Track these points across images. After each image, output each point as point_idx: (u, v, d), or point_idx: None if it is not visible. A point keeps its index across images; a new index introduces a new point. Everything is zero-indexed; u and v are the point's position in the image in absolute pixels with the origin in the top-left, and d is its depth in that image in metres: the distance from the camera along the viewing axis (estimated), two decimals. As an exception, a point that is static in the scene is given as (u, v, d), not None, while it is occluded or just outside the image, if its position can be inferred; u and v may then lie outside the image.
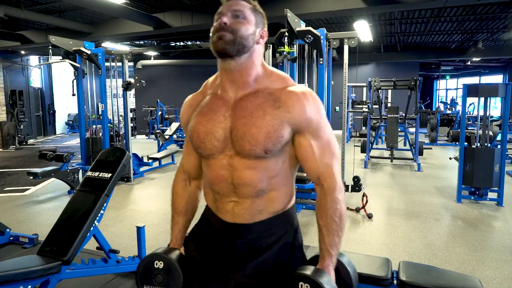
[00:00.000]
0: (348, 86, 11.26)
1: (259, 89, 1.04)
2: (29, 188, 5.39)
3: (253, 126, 0.98)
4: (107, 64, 5.68)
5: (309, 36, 3.70)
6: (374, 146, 8.15)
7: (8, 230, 3.32)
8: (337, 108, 11.79)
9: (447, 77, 18.18)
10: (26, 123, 10.70)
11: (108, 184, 2.23)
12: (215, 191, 1.07)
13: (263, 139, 0.98)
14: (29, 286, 1.79)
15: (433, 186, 5.41)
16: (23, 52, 10.72)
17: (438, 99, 18.49)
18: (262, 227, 1.05)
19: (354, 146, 8.67)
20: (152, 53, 12.14)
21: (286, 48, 3.50)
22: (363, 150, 7.45)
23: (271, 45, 4.38)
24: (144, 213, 4.37)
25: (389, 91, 11.89)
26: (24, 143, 10.32)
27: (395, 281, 1.74)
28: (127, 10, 6.22)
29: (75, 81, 5.51)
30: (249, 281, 1.06)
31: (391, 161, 7.11)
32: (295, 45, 4.26)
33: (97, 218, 2.20)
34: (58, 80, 13.40)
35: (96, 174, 2.30)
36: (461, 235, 3.51)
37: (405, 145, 8.65)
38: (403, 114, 7.42)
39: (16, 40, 8.24)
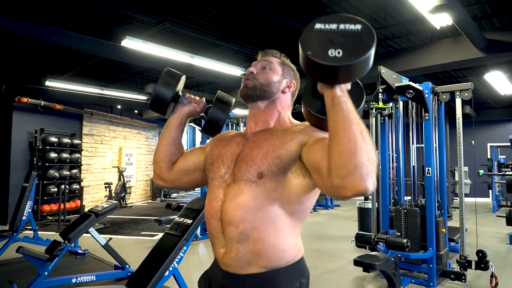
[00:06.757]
0: (491, 146, 9.69)
1: (276, 126, 1.11)
2: (158, 234, 6.21)
3: (256, 148, 1.05)
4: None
5: (410, 91, 3.51)
6: (528, 218, 6.54)
7: (127, 266, 3.90)
8: (481, 171, 10.12)
9: None
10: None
11: (188, 230, 2.47)
12: (209, 231, 1.10)
13: (260, 158, 1.01)
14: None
15: None
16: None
17: None
18: (253, 281, 1.01)
19: (497, 216, 7.21)
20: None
21: (381, 104, 3.37)
22: (509, 222, 6.07)
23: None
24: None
25: (554, 151, 9.65)
26: (168, 196, 12.08)
27: None
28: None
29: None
30: None
31: (551, 239, 5.57)
32: (400, 102, 4.09)
33: (177, 259, 2.42)
34: (200, 140, 15.62)
35: (182, 219, 2.58)
36: None
37: None
38: None
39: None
